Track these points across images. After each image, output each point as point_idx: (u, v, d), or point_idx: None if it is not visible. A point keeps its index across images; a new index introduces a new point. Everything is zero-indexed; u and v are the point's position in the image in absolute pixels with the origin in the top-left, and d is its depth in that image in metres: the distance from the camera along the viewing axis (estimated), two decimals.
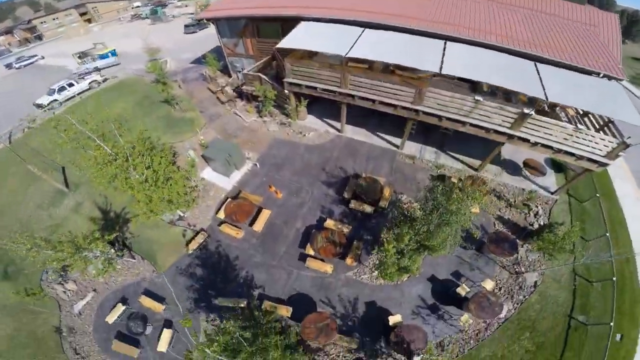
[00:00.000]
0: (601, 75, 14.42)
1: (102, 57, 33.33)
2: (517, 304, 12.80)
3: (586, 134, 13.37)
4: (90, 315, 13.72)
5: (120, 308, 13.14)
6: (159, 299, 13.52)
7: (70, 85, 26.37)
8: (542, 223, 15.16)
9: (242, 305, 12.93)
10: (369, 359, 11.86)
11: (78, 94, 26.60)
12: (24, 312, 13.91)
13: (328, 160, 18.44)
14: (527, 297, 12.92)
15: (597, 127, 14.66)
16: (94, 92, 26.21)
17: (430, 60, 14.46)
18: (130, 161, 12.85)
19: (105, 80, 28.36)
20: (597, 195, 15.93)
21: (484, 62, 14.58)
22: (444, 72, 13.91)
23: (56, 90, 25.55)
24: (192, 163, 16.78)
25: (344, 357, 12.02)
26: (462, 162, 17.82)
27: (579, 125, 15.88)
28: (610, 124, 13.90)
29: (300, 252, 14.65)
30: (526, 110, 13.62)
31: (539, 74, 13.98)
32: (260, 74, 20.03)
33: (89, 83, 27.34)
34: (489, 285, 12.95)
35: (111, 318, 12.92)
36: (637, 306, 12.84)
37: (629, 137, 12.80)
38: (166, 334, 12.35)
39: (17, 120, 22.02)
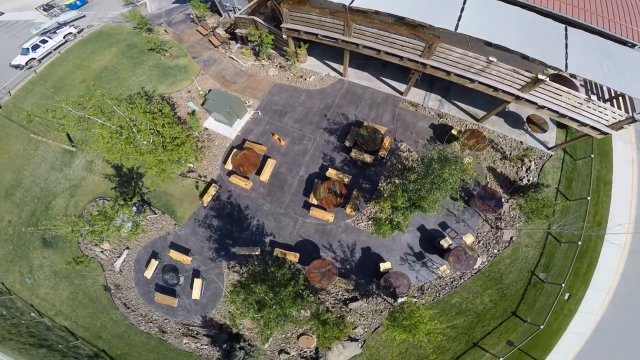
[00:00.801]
0: (638, 46, 13.06)
1: (71, 6, 29.71)
2: (491, 257, 14.90)
3: (598, 105, 13.11)
4: (129, 271, 16.14)
5: (155, 263, 15.44)
6: (185, 250, 15.72)
7: (44, 41, 24.46)
8: (531, 179, 16.10)
9: (257, 252, 15.16)
10: (362, 297, 14.66)
11: (55, 49, 24.70)
12: (74, 275, 16.36)
13: (330, 107, 18.24)
14: (500, 251, 14.92)
15: (613, 94, 14.15)
16: (73, 45, 24.03)
17: (446, 13, 12.90)
18: (135, 131, 13.14)
19: (81, 31, 25.74)
20: (592, 156, 16.24)
21: (508, 20, 12.89)
22: (459, 31, 12.58)
23: (29, 49, 23.86)
24: (196, 119, 16.83)
25: (342, 295, 14.86)
26: (465, 111, 17.62)
27: (592, 92, 15.23)
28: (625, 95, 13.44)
29: (305, 200, 16.07)
30: (540, 76, 12.99)
31: (566, 39, 12.65)
32: (255, 18, 17.87)
33: (64, 36, 25.26)
34: (469, 239, 14.80)
35: (149, 273, 15.35)
36: (591, 270, 14.92)
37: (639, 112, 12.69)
38: (197, 283, 14.93)
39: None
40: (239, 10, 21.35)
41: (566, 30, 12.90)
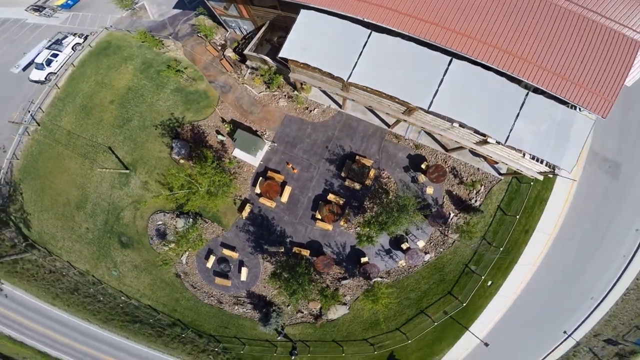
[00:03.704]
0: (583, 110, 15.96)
1: (63, 6, 28.48)
2: (438, 253, 21.99)
3: (529, 161, 17.82)
4: (193, 263, 23.29)
5: (213, 258, 22.70)
6: (232, 248, 22.83)
7: (55, 55, 25.60)
8: (479, 199, 21.81)
9: (282, 250, 22.39)
10: (350, 277, 22.54)
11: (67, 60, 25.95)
12: (152, 267, 23.25)
13: (330, 139, 22.71)
14: (445, 250, 21.92)
15: None
16: (84, 57, 25.28)
17: (424, 92, 16.20)
18: (199, 187, 18.87)
19: (86, 38, 26.11)
20: (531, 183, 21.02)
21: (478, 89, 15.99)
22: (431, 109, 16.29)
23: (44, 64, 25.26)
24: (232, 162, 22.28)
25: (337, 275, 22.73)
26: (438, 142, 21.97)
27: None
28: None
29: (312, 214, 22.54)
30: (489, 140, 17.32)
31: (521, 108, 15.82)
32: (264, 57, 20.12)
33: (72, 47, 26.03)
34: (421, 244, 21.78)
35: (209, 264, 22.73)
36: (512, 265, 21.63)
37: (562, 169, 16.90)
38: (244, 270, 22.51)
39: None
40: (245, 30, 22.77)
41: (527, 96, 15.80)
